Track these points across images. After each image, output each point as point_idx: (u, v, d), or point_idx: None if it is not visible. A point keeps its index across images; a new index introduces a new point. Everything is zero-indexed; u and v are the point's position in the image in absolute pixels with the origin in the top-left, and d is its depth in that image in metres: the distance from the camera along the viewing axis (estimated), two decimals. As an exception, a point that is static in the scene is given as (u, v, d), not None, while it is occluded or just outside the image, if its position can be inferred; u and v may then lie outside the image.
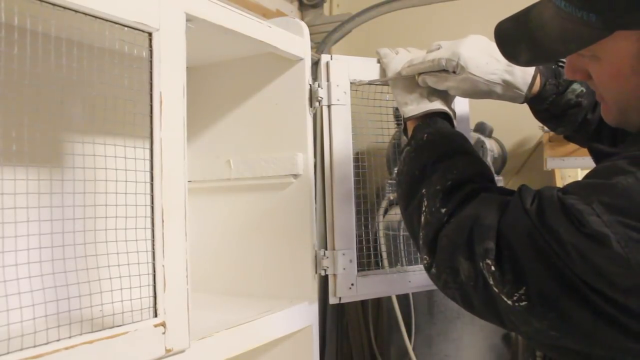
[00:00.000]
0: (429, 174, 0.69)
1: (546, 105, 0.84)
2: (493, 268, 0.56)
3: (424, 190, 0.68)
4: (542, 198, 0.56)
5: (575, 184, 0.56)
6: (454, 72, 0.78)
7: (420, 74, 0.81)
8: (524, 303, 0.55)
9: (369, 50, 2.12)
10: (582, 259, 0.51)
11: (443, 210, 0.64)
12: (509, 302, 0.55)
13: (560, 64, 0.83)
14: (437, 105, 0.80)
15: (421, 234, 0.66)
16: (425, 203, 0.67)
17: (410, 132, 0.79)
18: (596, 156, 0.67)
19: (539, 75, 0.82)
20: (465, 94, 0.80)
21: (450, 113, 0.81)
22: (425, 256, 0.65)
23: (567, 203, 0.53)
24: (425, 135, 0.74)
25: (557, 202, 0.54)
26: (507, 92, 0.80)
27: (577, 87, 0.85)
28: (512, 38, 0.63)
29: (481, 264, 0.57)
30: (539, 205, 0.55)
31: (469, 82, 0.77)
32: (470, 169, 0.68)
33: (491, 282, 0.57)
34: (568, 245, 0.52)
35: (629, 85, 0.60)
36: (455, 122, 0.82)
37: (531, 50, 0.61)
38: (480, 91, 0.79)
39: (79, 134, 0.68)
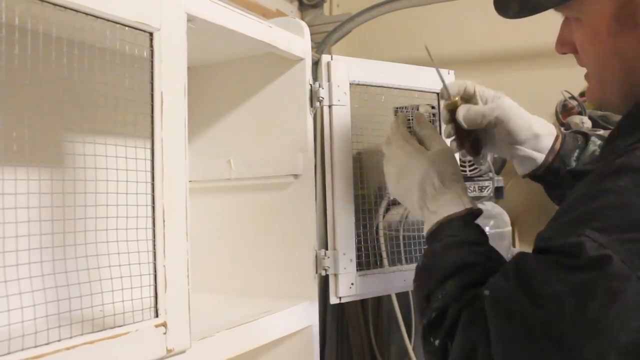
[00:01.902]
0: (424, 306, 0.64)
1: (573, 163, 0.77)
2: None
3: (424, 321, 0.63)
4: (521, 269, 0.52)
5: (555, 226, 0.53)
6: None
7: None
8: None
9: (369, 50, 2.13)
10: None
11: (436, 343, 0.59)
12: None
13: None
14: (450, 206, 0.68)
15: None
16: (425, 337, 0.62)
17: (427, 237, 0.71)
18: (576, 178, 0.65)
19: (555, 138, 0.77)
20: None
21: (465, 208, 0.68)
22: None
23: (557, 245, 0.50)
24: (421, 259, 0.68)
25: (538, 259, 0.51)
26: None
27: (595, 139, 0.79)
28: None
29: None
30: (523, 278, 0.51)
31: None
32: (457, 285, 0.61)
33: None
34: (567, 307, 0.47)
35: (605, 49, 0.58)
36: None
37: (519, 3, 0.61)
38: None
39: (80, 133, 0.68)
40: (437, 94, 1.02)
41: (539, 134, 0.78)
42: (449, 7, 1.64)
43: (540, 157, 0.78)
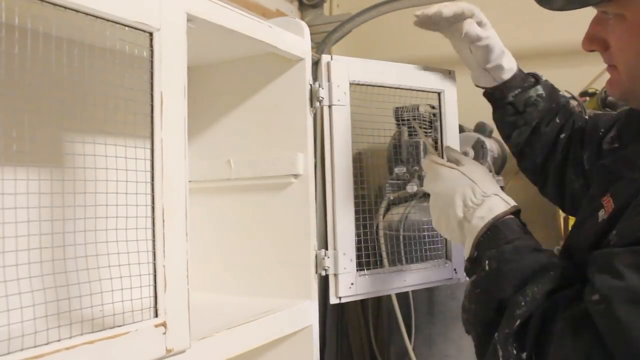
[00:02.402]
0: (499, 315, 0.61)
1: (511, 98, 0.88)
2: None
3: (495, 336, 0.60)
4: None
5: None
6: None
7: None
8: None
9: (369, 50, 2.12)
10: None
11: (524, 355, 0.56)
12: None
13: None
14: (497, 204, 0.69)
15: None
16: (500, 352, 0.58)
17: (472, 249, 0.69)
18: (611, 170, 0.64)
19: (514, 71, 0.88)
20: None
21: (512, 205, 0.70)
22: None
23: None
24: (487, 262, 0.65)
25: None
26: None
27: (539, 88, 0.89)
28: None
29: None
30: None
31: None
32: (540, 292, 0.59)
33: None
34: None
35: None
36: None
37: None
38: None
39: (80, 133, 0.68)
40: (438, 93, 1.02)
41: (502, 66, 0.89)
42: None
43: (493, 82, 0.90)
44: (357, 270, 0.90)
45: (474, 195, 0.71)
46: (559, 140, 0.87)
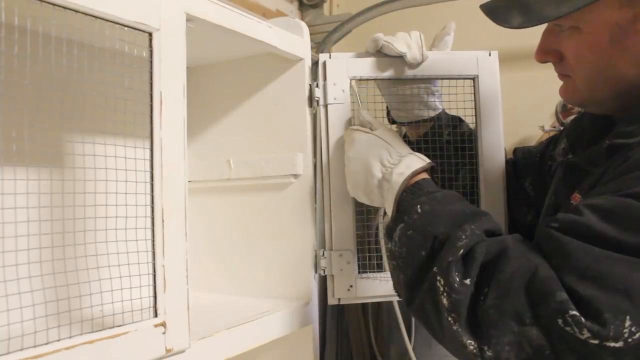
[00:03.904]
0: (437, 249, 0.60)
1: (447, 136, 0.87)
2: (583, 319, 0.49)
3: (435, 269, 0.59)
4: (601, 207, 0.53)
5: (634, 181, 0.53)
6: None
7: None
8: (637, 334, 0.48)
9: (369, 50, 2.09)
10: None
11: (467, 281, 0.55)
12: (619, 344, 0.47)
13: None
14: (414, 160, 0.72)
15: (449, 319, 0.56)
16: (442, 281, 0.57)
17: (393, 204, 0.70)
18: (592, 159, 0.66)
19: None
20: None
21: (427, 162, 0.73)
22: (469, 341, 0.54)
23: None
24: (419, 206, 0.65)
25: (630, 202, 0.51)
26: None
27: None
28: (503, 7, 0.66)
29: (559, 321, 0.50)
30: (604, 215, 0.52)
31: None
32: (478, 229, 0.61)
33: (585, 336, 0.48)
34: None
35: (605, 56, 0.62)
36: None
37: (524, 15, 0.64)
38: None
39: (79, 133, 0.68)
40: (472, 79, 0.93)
41: None
42: (449, 7, 1.64)
43: None
44: (359, 272, 0.88)
45: (390, 155, 0.74)
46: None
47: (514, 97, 0.83)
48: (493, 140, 0.89)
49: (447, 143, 0.89)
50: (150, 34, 0.61)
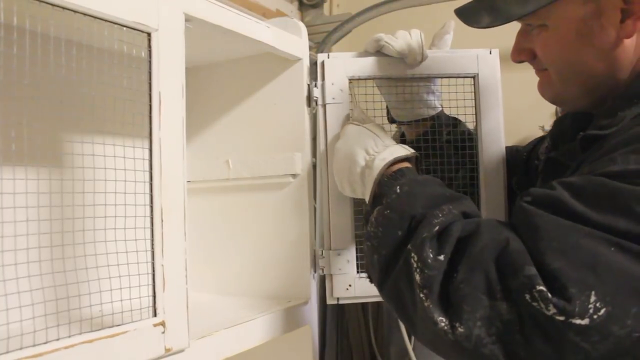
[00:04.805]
0: (413, 229, 0.59)
1: (446, 135, 0.88)
2: (549, 294, 0.48)
3: (409, 246, 0.58)
4: (572, 185, 0.54)
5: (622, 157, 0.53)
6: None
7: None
8: (602, 310, 0.47)
9: (369, 50, 2.08)
10: None
11: (441, 257, 0.55)
12: (585, 321, 0.47)
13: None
14: (398, 149, 0.73)
15: (421, 295, 0.54)
16: (415, 257, 0.56)
17: (372, 188, 0.70)
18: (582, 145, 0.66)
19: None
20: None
21: (411, 151, 0.74)
22: (440, 318, 0.53)
23: (630, 169, 0.51)
24: (398, 187, 0.65)
25: (602, 180, 0.52)
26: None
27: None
28: (473, 9, 0.69)
29: (527, 296, 0.49)
30: (576, 192, 0.53)
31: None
32: (456, 209, 0.60)
33: (551, 312, 0.48)
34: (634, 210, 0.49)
35: (573, 51, 0.65)
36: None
37: (491, 15, 0.67)
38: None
39: (78, 133, 0.68)
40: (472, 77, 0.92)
41: None
42: (449, 7, 1.64)
43: None
44: (357, 271, 0.87)
45: (375, 145, 0.75)
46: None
47: (514, 97, 0.83)
48: (493, 139, 0.89)
49: (446, 142, 0.89)
50: (148, 34, 0.61)
